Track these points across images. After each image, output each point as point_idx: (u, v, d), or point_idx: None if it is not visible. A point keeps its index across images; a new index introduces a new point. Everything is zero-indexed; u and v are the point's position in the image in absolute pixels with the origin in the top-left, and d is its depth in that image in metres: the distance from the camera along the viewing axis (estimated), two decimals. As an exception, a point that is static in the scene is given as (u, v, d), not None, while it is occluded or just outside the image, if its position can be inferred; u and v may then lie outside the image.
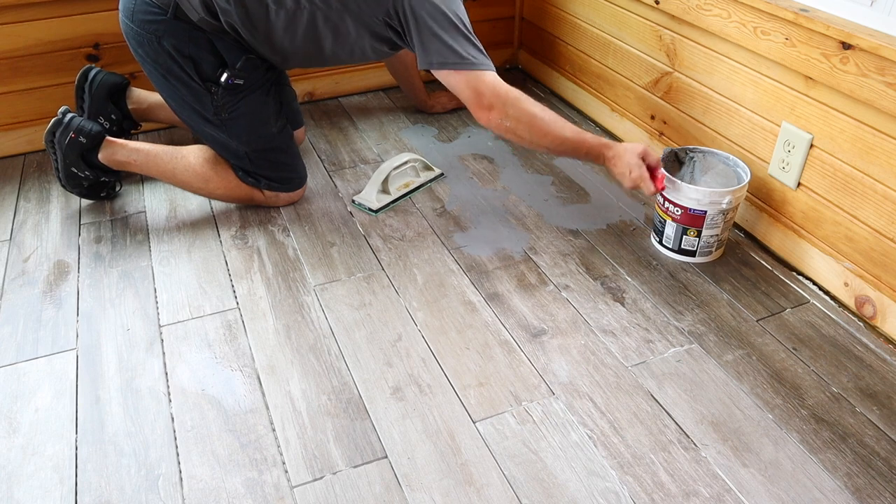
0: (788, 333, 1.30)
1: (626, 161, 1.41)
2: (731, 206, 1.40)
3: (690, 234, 1.43)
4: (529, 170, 1.81)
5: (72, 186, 1.59)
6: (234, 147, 1.55)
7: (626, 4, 1.78)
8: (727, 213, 1.41)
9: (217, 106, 1.49)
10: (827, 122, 1.31)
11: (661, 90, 1.73)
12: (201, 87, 1.47)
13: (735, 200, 1.40)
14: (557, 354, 1.26)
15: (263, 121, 1.55)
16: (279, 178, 1.60)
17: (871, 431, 1.11)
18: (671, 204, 1.42)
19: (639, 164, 1.40)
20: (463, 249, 1.52)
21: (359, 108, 2.12)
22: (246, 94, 1.50)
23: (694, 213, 1.40)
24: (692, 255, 1.47)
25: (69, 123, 1.52)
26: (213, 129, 1.53)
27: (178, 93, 1.50)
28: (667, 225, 1.46)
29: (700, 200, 1.39)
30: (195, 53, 1.44)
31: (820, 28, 1.24)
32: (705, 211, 1.39)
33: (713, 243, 1.45)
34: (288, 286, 1.42)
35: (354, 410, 1.15)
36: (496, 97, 1.40)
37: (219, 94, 1.48)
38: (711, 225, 1.41)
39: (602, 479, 1.04)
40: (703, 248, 1.45)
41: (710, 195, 1.38)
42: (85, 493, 1.03)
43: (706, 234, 1.43)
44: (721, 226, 1.42)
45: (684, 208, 1.41)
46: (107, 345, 1.28)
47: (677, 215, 1.43)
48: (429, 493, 1.02)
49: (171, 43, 1.43)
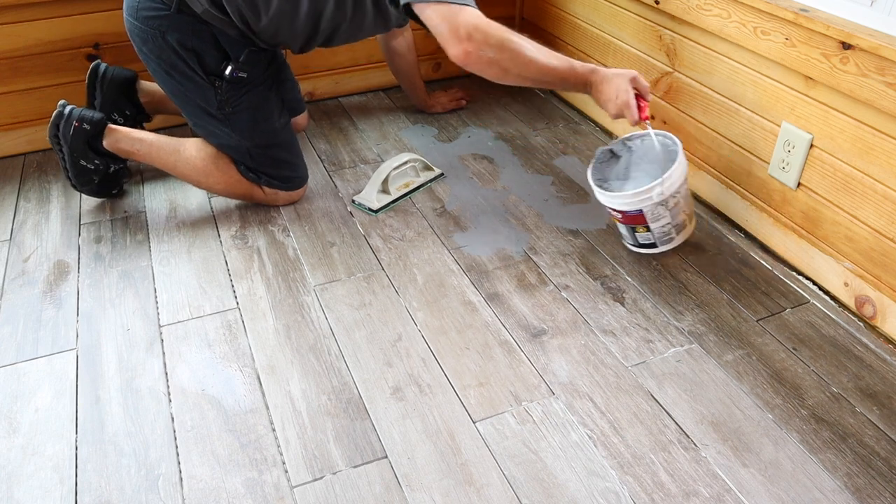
0: (788, 333, 1.30)
1: (616, 85, 1.35)
2: (669, 195, 1.34)
3: (640, 230, 1.41)
4: (529, 170, 1.81)
5: (83, 184, 1.59)
6: (236, 142, 1.55)
7: (626, 4, 1.78)
8: (669, 202, 1.36)
9: (221, 100, 1.49)
10: (827, 122, 1.31)
11: (661, 90, 1.73)
12: (205, 80, 1.47)
13: (667, 190, 1.33)
14: (557, 354, 1.26)
15: (266, 115, 1.55)
16: (280, 176, 1.60)
17: (871, 431, 1.11)
18: (609, 209, 1.41)
19: (626, 90, 1.34)
20: (463, 249, 1.52)
21: (359, 108, 2.12)
22: (249, 88, 1.50)
23: (632, 214, 1.38)
24: (653, 246, 1.45)
25: (70, 114, 1.53)
26: (216, 125, 1.53)
27: (183, 88, 1.50)
28: (618, 226, 1.45)
29: (629, 203, 1.35)
30: (199, 47, 1.44)
31: (820, 28, 1.24)
32: (640, 210, 1.36)
33: (669, 231, 1.42)
34: (288, 286, 1.42)
35: (354, 410, 1.15)
36: (475, 28, 1.29)
37: (223, 88, 1.48)
38: (656, 217, 1.37)
39: (602, 479, 1.04)
40: (662, 238, 1.43)
41: (632, 196, 1.34)
42: (85, 493, 1.03)
43: (656, 227, 1.40)
44: (669, 214, 1.38)
45: (621, 211, 1.39)
46: (107, 345, 1.28)
47: (619, 217, 1.41)
48: (429, 493, 1.02)
49: (175, 37, 1.42)
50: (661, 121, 1.76)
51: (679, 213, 1.41)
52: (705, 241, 1.54)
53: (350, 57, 2.13)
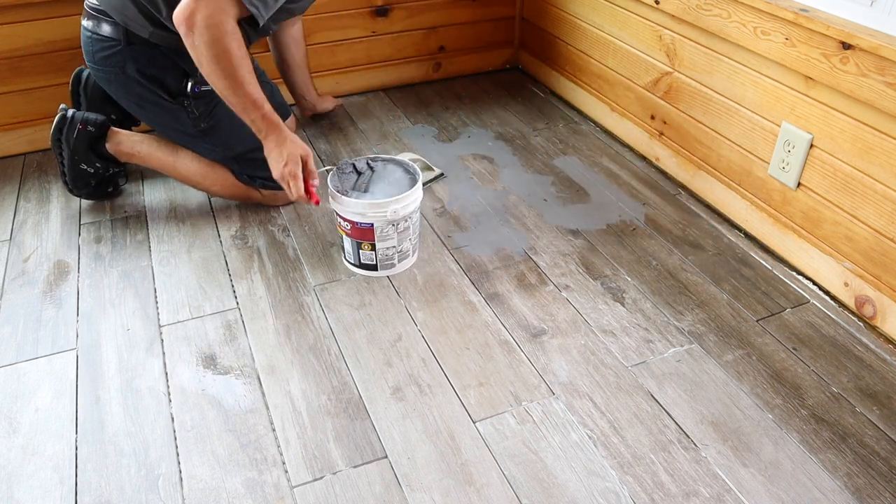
0: (788, 333, 1.30)
1: (289, 151, 1.36)
2: (402, 216, 1.35)
3: (366, 247, 1.39)
4: (529, 170, 1.81)
5: (79, 188, 1.60)
6: (220, 155, 1.57)
7: (626, 4, 1.78)
8: (400, 224, 1.37)
9: (194, 118, 1.51)
10: (827, 122, 1.31)
11: (661, 90, 1.73)
12: (173, 103, 1.49)
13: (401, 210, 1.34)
14: (557, 354, 1.26)
15: (242, 122, 1.49)
16: (270, 178, 1.60)
17: (871, 431, 1.11)
18: (340, 218, 1.39)
19: (297, 163, 1.36)
20: (463, 249, 1.52)
21: (359, 108, 2.12)
22: (217, 99, 1.45)
23: (362, 227, 1.36)
24: (374, 269, 1.42)
25: (73, 118, 1.53)
26: (198, 143, 1.56)
27: (157, 117, 1.53)
28: (344, 240, 1.42)
29: (363, 213, 1.34)
30: (157, 72, 1.47)
31: (820, 28, 1.24)
32: (371, 224, 1.35)
33: (392, 255, 1.41)
34: (288, 286, 1.42)
35: (354, 410, 1.15)
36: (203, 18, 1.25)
37: (191, 105, 1.50)
38: (384, 237, 1.37)
39: (602, 479, 1.04)
40: (384, 262, 1.42)
41: (367, 206, 1.33)
42: (85, 493, 1.03)
43: (382, 247, 1.39)
44: (396, 237, 1.38)
45: (352, 222, 1.37)
46: (107, 345, 1.28)
47: (347, 229, 1.39)
48: (429, 493, 1.02)
49: (133, 69, 1.46)
50: (661, 121, 1.76)
51: (405, 241, 1.41)
52: (705, 241, 1.54)
53: (350, 57, 2.13)
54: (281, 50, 1.85)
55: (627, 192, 1.72)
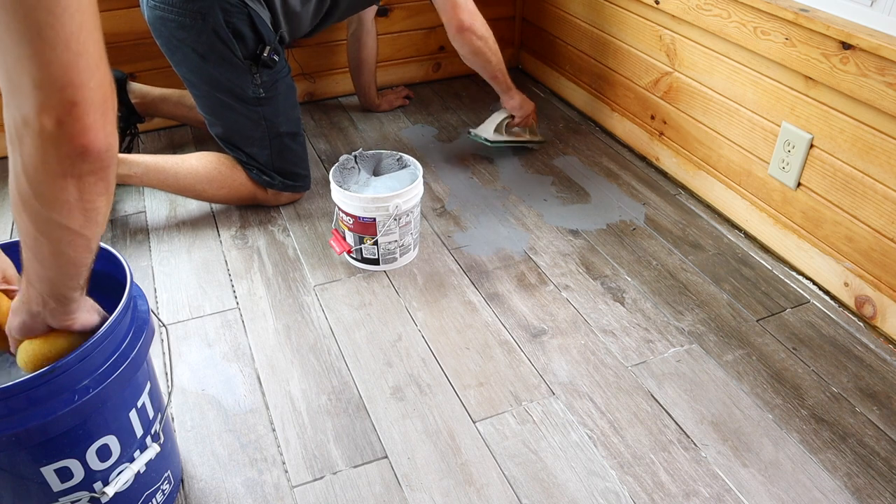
0: (788, 333, 1.30)
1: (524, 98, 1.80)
2: (404, 211, 1.37)
3: (368, 242, 1.41)
4: (529, 170, 1.81)
5: None
6: (261, 132, 1.54)
7: (626, 4, 1.78)
8: (402, 219, 1.38)
9: (255, 85, 1.49)
10: (827, 122, 1.31)
11: (661, 90, 1.73)
12: (244, 64, 1.46)
13: (404, 205, 1.37)
14: (557, 354, 1.26)
15: (293, 104, 1.58)
16: (292, 173, 1.60)
17: (871, 431, 1.11)
18: (343, 213, 1.40)
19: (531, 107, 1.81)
20: (463, 249, 1.52)
21: (359, 108, 2.12)
22: (280, 75, 1.52)
23: (365, 222, 1.38)
24: (376, 263, 1.44)
25: None
26: (247, 111, 1.51)
27: (216, 73, 1.46)
28: (346, 234, 1.43)
29: (367, 207, 1.36)
30: (240, 28, 1.43)
31: (820, 28, 1.24)
32: (374, 218, 1.37)
33: (394, 250, 1.43)
34: (288, 286, 1.42)
35: (354, 410, 1.15)
36: (472, 15, 1.60)
37: (260, 72, 1.48)
38: (386, 231, 1.38)
39: (602, 479, 1.04)
40: (386, 256, 1.43)
41: (370, 201, 1.35)
42: (85, 493, 1.03)
43: (384, 242, 1.40)
44: (398, 231, 1.39)
45: (355, 217, 1.39)
46: (107, 345, 1.28)
47: (350, 224, 1.40)
48: (429, 493, 1.02)
49: (221, 17, 1.40)
50: (661, 121, 1.76)
51: (407, 235, 1.42)
52: (705, 240, 1.54)
53: (350, 57, 2.13)
54: (360, 47, 1.97)
55: (627, 191, 1.72)
